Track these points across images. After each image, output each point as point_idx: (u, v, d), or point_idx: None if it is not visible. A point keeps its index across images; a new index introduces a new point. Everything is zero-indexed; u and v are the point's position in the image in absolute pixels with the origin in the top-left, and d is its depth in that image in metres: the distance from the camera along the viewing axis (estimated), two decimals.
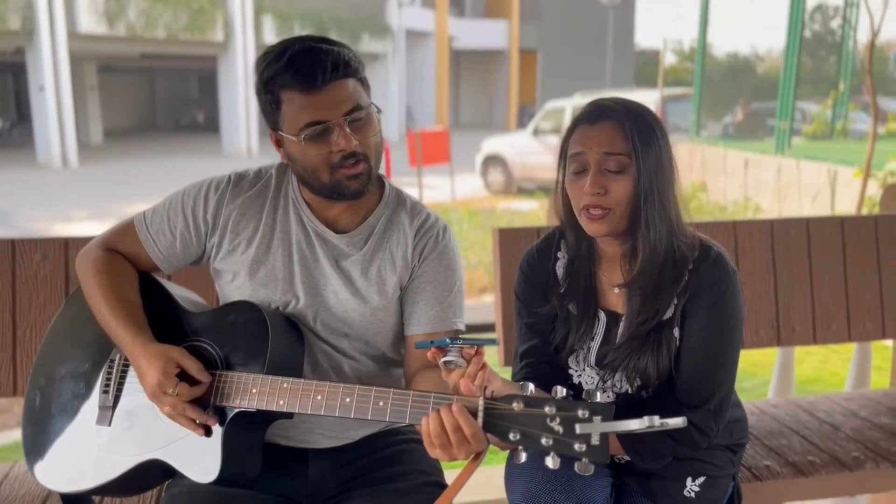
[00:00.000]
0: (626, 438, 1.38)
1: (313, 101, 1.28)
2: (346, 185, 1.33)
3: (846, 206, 7.31)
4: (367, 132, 1.33)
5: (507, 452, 1.48)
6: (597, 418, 1.01)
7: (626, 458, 1.48)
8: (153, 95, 30.18)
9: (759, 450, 1.86)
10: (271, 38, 20.92)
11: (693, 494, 1.45)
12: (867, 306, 2.21)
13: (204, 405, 1.30)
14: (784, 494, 1.76)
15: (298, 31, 21.01)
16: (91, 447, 1.38)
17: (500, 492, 1.50)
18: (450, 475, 1.36)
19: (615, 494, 1.45)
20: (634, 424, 0.99)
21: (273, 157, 1.50)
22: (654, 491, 1.45)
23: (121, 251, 1.46)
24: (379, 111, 1.36)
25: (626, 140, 1.31)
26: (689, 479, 1.45)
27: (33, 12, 15.99)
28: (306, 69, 1.27)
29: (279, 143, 1.36)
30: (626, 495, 1.46)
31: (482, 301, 5.99)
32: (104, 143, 22.51)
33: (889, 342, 2.59)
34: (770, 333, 2.14)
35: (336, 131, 1.29)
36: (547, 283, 1.51)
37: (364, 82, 1.35)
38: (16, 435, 3.48)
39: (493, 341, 1.12)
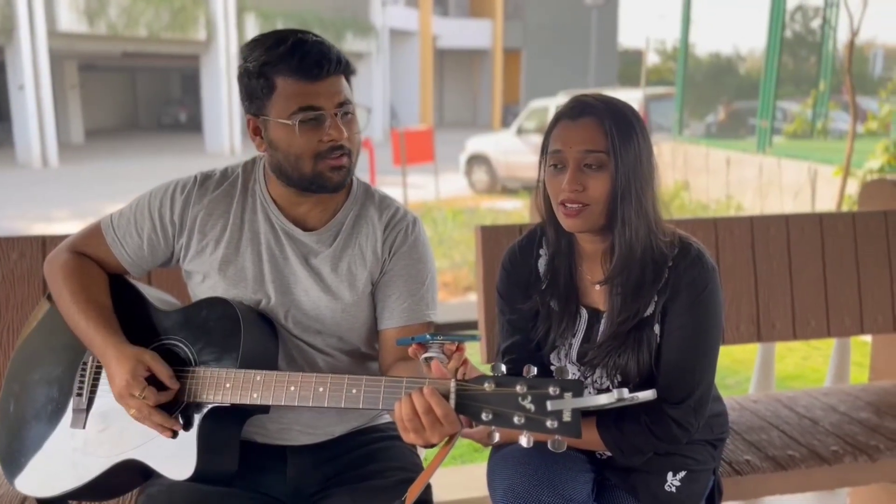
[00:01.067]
0: (608, 435, 1.38)
1: (312, 88, 1.28)
2: (328, 176, 1.33)
3: (827, 204, 7.39)
4: (353, 128, 1.34)
5: (489, 450, 1.49)
6: (567, 395, 1.01)
7: (608, 453, 1.48)
8: (135, 94, 29.95)
9: (739, 444, 1.88)
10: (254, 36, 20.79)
11: (674, 489, 1.46)
12: (846, 302, 2.23)
13: (176, 403, 1.29)
14: (764, 488, 1.78)
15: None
16: (66, 451, 1.36)
17: (482, 490, 1.50)
18: None
19: (597, 490, 1.45)
20: (604, 399, 1.01)
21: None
22: (636, 486, 1.45)
23: (89, 254, 1.45)
24: (369, 111, 1.38)
25: (605, 137, 1.32)
26: (669, 474, 1.46)
27: (12, 10, 15.82)
28: (312, 59, 1.27)
29: (258, 131, 1.35)
30: (607, 490, 1.47)
31: (466, 300, 5.99)
32: (85, 142, 22.31)
33: (868, 338, 2.62)
34: (750, 329, 2.16)
35: (329, 121, 1.30)
36: (529, 279, 1.51)
37: (351, 85, 1.37)
38: None
39: (474, 337, 1.12)
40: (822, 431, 1.95)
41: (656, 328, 1.40)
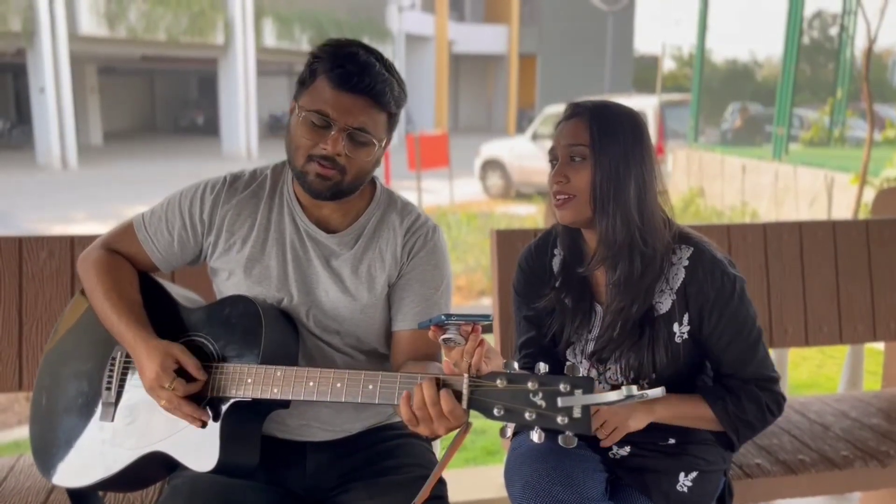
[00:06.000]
0: (725, 415, 1.44)
1: (334, 97, 1.33)
2: (310, 179, 1.36)
3: (843, 212, 7.36)
4: (359, 153, 1.36)
5: (503, 452, 1.52)
6: (578, 391, 1.04)
7: (622, 452, 1.52)
8: (153, 97, 30.24)
9: (750, 448, 1.90)
10: (272, 40, 20.98)
11: (685, 489, 1.49)
12: (858, 309, 2.24)
13: (200, 398, 1.33)
14: (775, 492, 1.80)
15: (299, 34, 21.10)
16: (95, 442, 1.41)
17: (497, 491, 1.54)
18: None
19: (610, 489, 1.48)
20: (613, 396, 1.04)
21: (271, 160, 1.54)
22: (648, 485, 1.48)
23: (121, 251, 1.50)
24: (383, 148, 1.41)
25: (587, 133, 1.42)
26: (681, 474, 1.49)
27: (34, 14, 16.04)
28: (348, 70, 1.32)
29: (292, 112, 1.41)
30: (620, 489, 1.49)
31: (480, 303, 6.02)
32: (104, 144, 22.56)
33: (880, 345, 2.63)
34: (763, 335, 2.17)
35: (333, 132, 1.33)
36: (544, 277, 1.57)
37: (391, 119, 1.40)
38: (16, 434, 3.51)
39: (486, 317, 1.16)
40: (833, 437, 1.97)
41: (677, 328, 1.45)
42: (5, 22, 15.62)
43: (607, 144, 1.41)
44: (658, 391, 1.08)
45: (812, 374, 4.31)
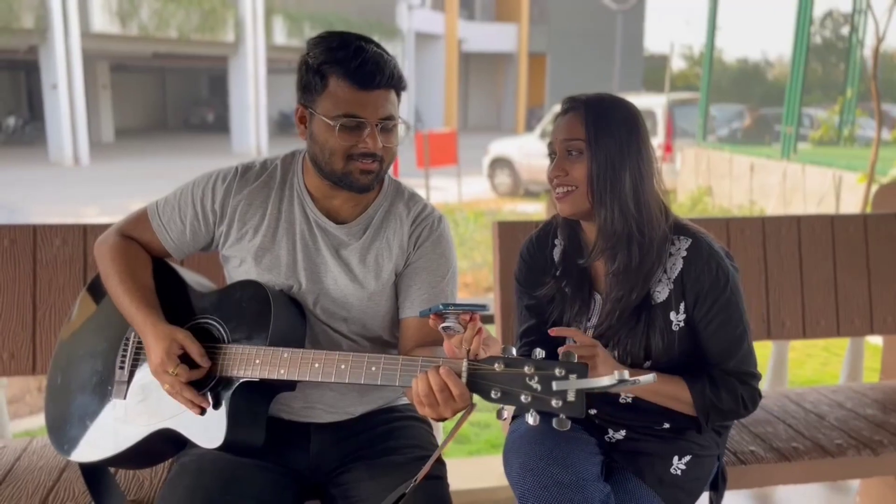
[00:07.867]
0: (700, 399, 1.47)
1: (360, 97, 1.37)
2: (355, 178, 1.41)
3: (851, 210, 7.35)
4: (392, 139, 1.43)
5: (502, 442, 1.57)
6: (572, 376, 1.09)
7: (617, 436, 1.56)
8: (164, 95, 30.38)
9: (745, 436, 1.93)
10: (282, 38, 21.06)
11: (679, 472, 1.52)
12: (856, 302, 2.27)
13: (207, 379, 1.38)
14: (768, 478, 1.83)
15: (309, 32, 21.15)
16: (108, 419, 1.47)
17: (499, 479, 1.57)
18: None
19: (605, 471, 1.52)
20: (606, 381, 1.08)
21: None
22: (643, 469, 1.52)
23: (135, 238, 1.55)
24: (408, 127, 1.47)
25: (582, 127, 1.46)
26: (675, 458, 1.53)
27: (47, 11, 16.17)
28: (366, 69, 1.36)
29: (304, 120, 1.45)
30: (615, 472, 1.53)
31: (486, 299, 6.06)
32: (115, 141, 22.69)
33: (878, 339, 2.65)
34: (761, 327, 2.21)
35: (368, 130, 1.38)
36: (544, 267, 1.62)
37: (400, 96, 1.45)
38: (27, 423, 3.58)
39: (482, 307, 1.20)
40: (828, 426, 2.00)
41: (674, 316, 1.49)
42: (18, 19, 15.75)
43: (602, 138, 1.45)
44: (650, 377, 1.12)
45: (816, 371, 4.33)
